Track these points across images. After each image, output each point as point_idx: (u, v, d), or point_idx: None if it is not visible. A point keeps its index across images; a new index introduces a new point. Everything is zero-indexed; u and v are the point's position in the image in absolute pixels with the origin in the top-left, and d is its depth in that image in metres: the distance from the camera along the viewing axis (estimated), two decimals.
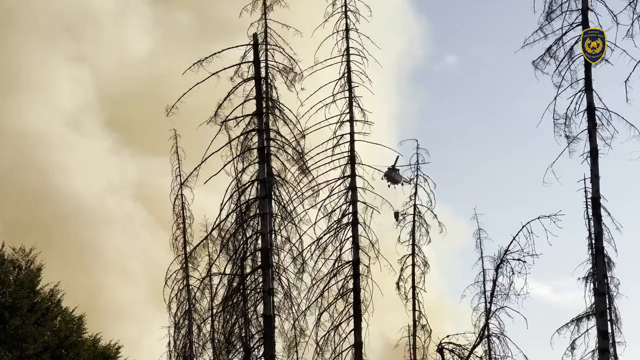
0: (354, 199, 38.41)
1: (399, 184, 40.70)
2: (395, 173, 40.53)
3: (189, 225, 45.15)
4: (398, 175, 40.64)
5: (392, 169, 40.38)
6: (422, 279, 41.38)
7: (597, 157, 31.16)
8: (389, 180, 40.43)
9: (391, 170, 40.42)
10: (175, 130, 44.81)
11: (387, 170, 40.30)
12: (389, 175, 40.38)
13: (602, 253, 32.32)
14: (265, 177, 33.66)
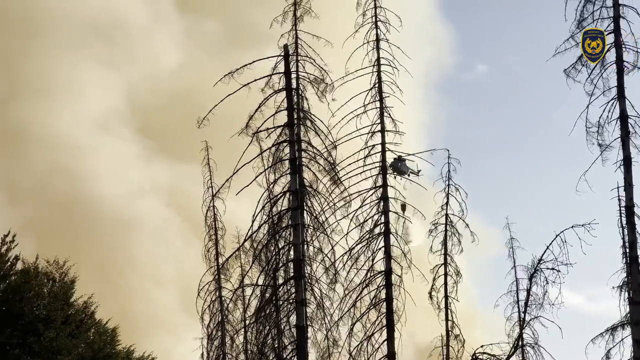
0: (386, 209, 38.39)
1: (405, 174, 38.74)
2: (402, 164, 38.59)
3: (221, 236, 45.26)
4: (404, 166, 38.65)
5: (399, 159, 38.58)
6: (455, 289, 41.19)
7: (631, 165, 31.00)
8: (395, 171, 38.58)
9: (397, 161, 38.58)
10: (206, 142, 45.00)
11: (392, 160, 38.57)
12: (395, 166, 38.58)
13: (637, 262, 32.11)
14: (297, 188, 33.71)
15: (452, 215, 41.54)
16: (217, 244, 45.24)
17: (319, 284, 34.76)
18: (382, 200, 38.50)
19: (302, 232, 33.86)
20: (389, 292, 37.97)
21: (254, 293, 35.18)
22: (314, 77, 34.32)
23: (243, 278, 40.37)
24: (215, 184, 44.52)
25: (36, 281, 49.14)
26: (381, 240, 38.33)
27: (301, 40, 35.01)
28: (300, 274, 33.59)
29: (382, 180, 38.48)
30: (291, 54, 34.24)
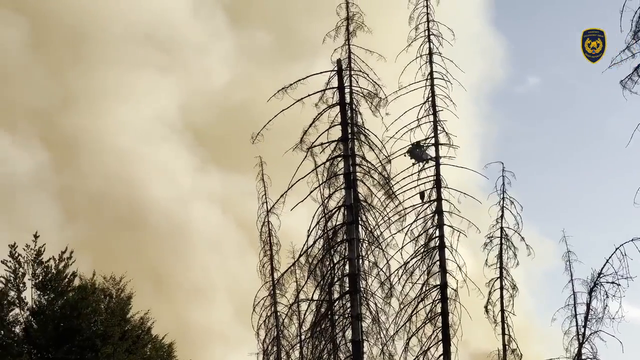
0: (441, 222, 38.28)
1: (424, 162, 37.73)
2: (420, 150, 37.47)
3: (276, 252, 45.38)
4: (424, 153, 37.51)
5: (417, 145, 37.43)
6: (511, 302, 40.93)
7: None
8: (413, 157, 37.49)
9: (415, 147, 37.44)
10: (260, 157, 45.16)
11: (410, 146, 37.39)
12: (413, 152, 37.42)
13: None
14: (351, 202, 33.73)
15: (507, 229, 41.35)
16: (272, 259, 45.36)
17: (374, 298, 34.72)
18: (437, 214, 38.41)
19: (357, 246, 33.86)
20: (445, 306, 37.83)
21: (310, 308, 35.20)
22: (368, 91, 34.37)
23: (298, 293, 40.39)
24: (269, 199, 44.70)
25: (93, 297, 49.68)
26: (436, 254, 38.22)
27: (354, 55, 35.09)
28: (355, 289, 33.58)
29: (437, 194, 38.39)
30: (344, 69, 34.31)
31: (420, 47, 38.25)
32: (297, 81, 33.06)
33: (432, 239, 38.35)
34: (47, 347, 47.65)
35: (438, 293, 38.05)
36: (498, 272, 41.18)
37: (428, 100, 38.37)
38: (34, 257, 50.23)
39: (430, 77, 38.31)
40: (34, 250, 50.25)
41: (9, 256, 50.33)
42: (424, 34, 38.27)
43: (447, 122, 38.51)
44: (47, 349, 47.65)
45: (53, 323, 48.30)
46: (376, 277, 34.57)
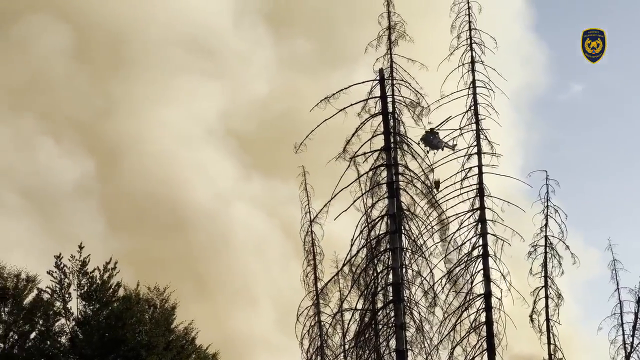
0: (484, 231, 38.15)
1: (439, 149, 36.83)
2: (435, 137, 36.51)
3: (319, 261, 45.33)
4: (438, 140, 36.62)
5: (431, 132, 36.37)
6: (556, 311, 40.67)
7: None
8: (427, 144, 36.44)
9: (429, 134, 36.34)
10: (303, 167, 45.16)
11: (424, 134, 36.26)
12: (427, 139, 36.36)
13: None
14: (395, 211, 33.68)
15: (552, 237, 41.11)
16: (316, 269, 45.33)
17: (418, 307, 34.62)
18: (480, 223, 38.29)
19: (400, 255, 33.81)
20: (489, 315, 37.67)
21: (353, 317, 35.17)
22: (410, 100, 34.33)
23: (342, 302, 40.41)
24: (313, 209, 44.67)
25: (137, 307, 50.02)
26: (480, 262, 38.08)
27: (396, 64, 35.09)
28: (399, 298, 33.51)
29: (480, 203, 38.27)
30: (386, 78, 34.32)
31: (462, 55, 38.23)
32: (340, 91, 33.10)
33: (475, 247, 38.22)
34: (92, 357, 48.04)
35: (482, 302, 37.90)
36: (543, 280, 40.94)
37: (470, 108, 38.30)
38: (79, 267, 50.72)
39: (473, 86, 38.24)
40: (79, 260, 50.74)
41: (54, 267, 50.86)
42: (466, 43, 38.23)
43: (490, 130, 38.46)
44: (93, 359, 48.04)
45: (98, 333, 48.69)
46: (420, 286, 34.48)
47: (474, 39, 38.18)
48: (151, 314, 51.10)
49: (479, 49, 38.16)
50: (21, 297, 50.93)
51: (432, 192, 34.83)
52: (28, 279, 51.48)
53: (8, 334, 50.20)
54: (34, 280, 51.59)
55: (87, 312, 50.17)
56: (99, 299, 50.12)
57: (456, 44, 38.22)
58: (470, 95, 38.27)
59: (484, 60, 38.23)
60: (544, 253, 41.00)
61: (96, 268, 51.17)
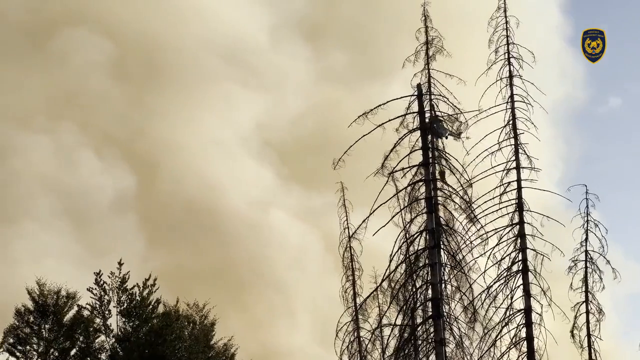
0: (524, 246, 37.98)
1: (443, 137, 34.83)
2: (439, 125, 34.66)
3: (358, 277, 45.35)
4: (442, 127, 34.71)
5: (435, 119, 34.69)
6: (597, 327, 40.37)
7: None
8: (431, 133, 34.62)
9: (433, 121, 34.65)
10: (342, 183, 45.25)
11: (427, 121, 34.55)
12: (432, 127, 34.54)
13: None
14: (433, 226, 33.61)
15: (592, 252, 40.86)
16: (355, 285, 45.33)
17: (457, 323, 34.48)
18: (520, 238, 38.13)
19: (439, 271, 33.71)
20: (529, 330, 37.45)
21: (393, 333, 35.09)
22: (448, 115, 34.27)
23: (381, 318, 40.34)
24: (351, 225, 44.71)
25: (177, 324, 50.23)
26: (519, 277, 37.90)
27: (434, 79, 35.04)
28: (438, 313, 33.41)
29: (519, 218, 38.13)
30: (424, 93, 34.30)
31: (501, 70, 38.16)
32: (378, 107, 33.15)
33: (515, 262, 38.05)
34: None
35: (522, 317, 37.69)
36: (583, 295, 40.68)
37: (509, 123, 38.20)
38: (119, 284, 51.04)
39: (511, 100, 38.15)
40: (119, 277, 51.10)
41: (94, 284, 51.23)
42: (504, 57, 38.15)
43: (528, 144, 38.33)
44: None
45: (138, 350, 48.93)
46: (459, 301, 34.36)
47: (511, 53, 38.11)
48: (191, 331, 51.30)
49: (517, 63, 38.08)
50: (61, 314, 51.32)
51: (470, 207, 34.74)
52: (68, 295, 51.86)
53: (49, 350, 50.58)
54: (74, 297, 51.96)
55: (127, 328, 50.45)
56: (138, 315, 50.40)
57: (494, 58, 38.17)
58: (508, 110, 38.19)
59: (522, 75, 38.16)
60: (585, 268, 40.76)
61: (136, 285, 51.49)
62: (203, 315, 51.94)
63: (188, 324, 51.54)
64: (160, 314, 51.27)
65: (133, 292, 51.40)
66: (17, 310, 52.20)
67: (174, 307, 52.45)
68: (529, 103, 37.97)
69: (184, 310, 52.09)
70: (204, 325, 51.53)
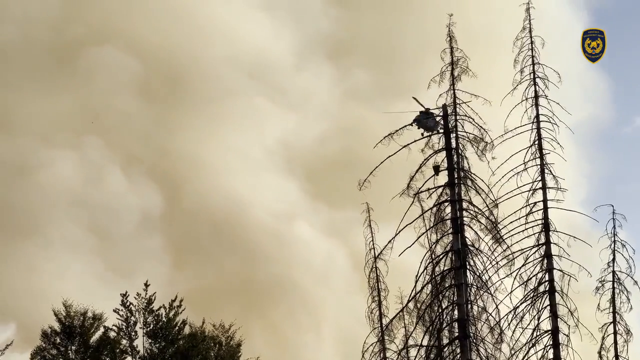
0: (550, 266, 37.88)
1: (433, 131, 33.78)
2: (430, 118, 33.42)
3: (384, 297, 45.22)
4: (434, 122, 33.52)
5: (426, 112, 33.44)
6: (625, 348, 40.11)
7: None
8: (421, 127, 33.41)
9: (424, 115, 33.38)
10: (367, 203, 45.13)
11: (418, 114, 33.33)
12: (421, 121, 33.30)
13: None
14: (459, 247, 33.55)
15: (620, 272, 40.65)
16: (381, 305, 45.20)
17: (484, 344, 34.33)
18: (546, 258, 38.03)
19: (465, 291, 33.62)
20: (557, 352, 37.28)
21: (419, 354, 34.97)
22: (474, 136, 34.26)
23: (407, 339, 40.17)
24: (377, 245, 44.62)
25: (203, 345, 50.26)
26: (546, 298, 37.78)
27: (459, 100, 35.12)
28: (465, 334, 33.30)
29: (545, 238, 38.04)
30: (450, 114, 34.31)
31: (526, 90, 38.17)
32: (403, 127, 33.17)
33: (541, 283, 37.94)
34: None
35: (549, 338, 37.55)
36: (611, 316, 40.45)
37: (534, 143, 38.19)
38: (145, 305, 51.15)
39: (537, 120, 38.14)
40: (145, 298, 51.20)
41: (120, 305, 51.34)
42: (530, 77, 38.17)
43: (554, 164, 38.28)
44: None
45: None
46: (485, 322, 34.24)
47: (537, 74, 38.11)
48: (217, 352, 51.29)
49: (543, 84, 38.09)
50: (88, 335, 51.50)
51: (496, 227, 34.67)
52: (94, 317, 52.05)
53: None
54: (100, 318, 52.15)
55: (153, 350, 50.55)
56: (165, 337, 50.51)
57: (519, 78, 38.21)
58: (534, 130, 38.19)
59: (548, 95, 38.16)
60: (612, 288, 40.55)
61: (162, 306, 51.59)
62: (229, 336, 51.94)
63: (214, 345, 51.54)
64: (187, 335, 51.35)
65: (159, 313, 51.51)
66: (43, 332, 52.45)
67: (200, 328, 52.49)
68: (554, 123, 37.99)
69: (210, 331, 52.12)
70: (230, 346, 51.52)
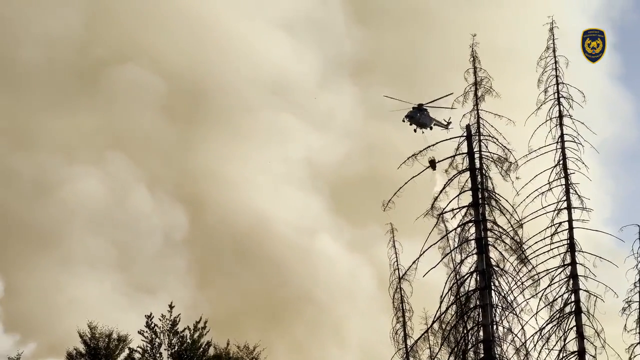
0: (576, 287, 37.65)
1: (426, 127, 33.45)
2: (423, 114, 32.67)
3: (408, 318, 45.04)
4: (426, 117, 32.89)
5: (419, 108, 32.51)
6: None
7: None
8: (413, 122, 32.91)
9: (416, 111, 32.48)
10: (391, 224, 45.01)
11: (410, 110, 32.55)
12: (413, 116, 32.54)
13: None
14: (484, 267, 33.45)
15: None
16: (405, 326, 44.99)
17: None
18: (572, 278, 37.83)
19: (490, 312, 33.49)
20: None
21: None
22: (498, 156, 34.24)
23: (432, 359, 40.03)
24: (401, 266, 44.50)
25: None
26: (572, 319, 37.54)
27: (483, 120, 35.09)
28: (490, 356, 33.14)
29: (571, 258, 37.85)
30: (473, 134, 34.28)
31: (550, 109, 38.09)
32: (427, 148, 33.19)
33: (567, 303, 37.72)
34: None
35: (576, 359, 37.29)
36: (638, 337, 40.18)
37: (559, 163, 38.06)
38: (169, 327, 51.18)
39: (561, 140, 38.03)
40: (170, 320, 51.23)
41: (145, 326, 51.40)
42: (554, 97, 38.09)
43: (579, 184, 38.12)
44: None
45: None
46: (511, 343, 34.07)
47: (561, 93, 38.03)
48: None
49: (567, 103, 38.00)
50: (113, 357, 51.58)
51: (521, 247, 34.55)
52: (119, 338, 52.15)
53: None
54: (125, 339, 52.23)
55: None
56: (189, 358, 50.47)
57: (543, 98, 38.15)
58: (558, 150, 38.07)
59: (572, 114, 38.07)
60: (639, 309, 40.28)
61: (187, 327, 51.61)
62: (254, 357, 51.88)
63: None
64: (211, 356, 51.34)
65: (184, 334, 51.53)
66: (68, 354, 52.61)
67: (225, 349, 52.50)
68: (579, 142, 37.85)
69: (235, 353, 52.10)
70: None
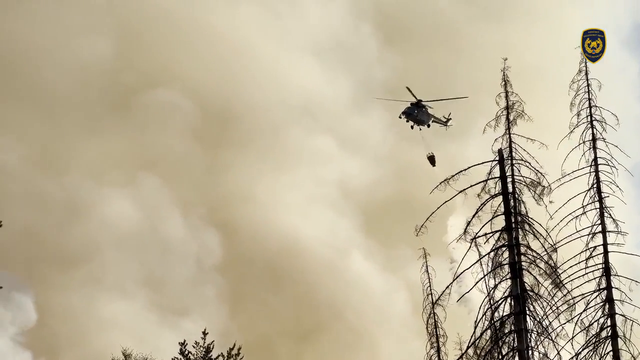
0: (612, 311, 37.34)
1: (424, 124, 32.30)
2: (421, 111, 31.35)
3: (442, 343, 44.81)
4: (424, 114, 31.67)
5: (416, 104, 31.57)
6: None
7: None
8: (410, 119, 31.72)
9: (414, 107, 31.55)
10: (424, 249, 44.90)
11: (407, 107, 31.46)
12: (411, 113, 31.46)
13: None
14: (518, 292, 33.27)
15: None
16: (439, 352, 44.75)
17: None
18: (608, 303, 37.52)
19: (526, 337, 33.27)
20: None
21: None
22: (530, 180, 34.11)
23: None
24: (434, 291, 44.32)
25: None
26: (609, 344, 37.22)
27: (515, 144, 34.97)
28: None
29: (606, 282, 37.57)
30: (506, 158, 34.19)
31: (583, 133, 37.92)
32: (459, 172, 33.12)
33: (603, 328, 37.40)
34: None
35: None
36: None
37: (593, 186, 37.85)
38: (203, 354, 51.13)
39: (595, 164, 37.83)
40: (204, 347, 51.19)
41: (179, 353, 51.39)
42: (587, 120, 37.94)
43: (614, 208, 37.87)
44: None
45: None
46: None
47: (594, 116, 37.87)
48: None
49: (600, 126, 37.81)
50: None
51: (556, 272, 34.35)
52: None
53: None
54: None
55: None
56: None
57: (576, 121, 38.00)
58: (592, 173, 37.87)
59: (606, 137, 37.89)
60: None
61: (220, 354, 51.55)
62: None
63: None
64: None
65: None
66: None
67: None
68: (613, 166, 37.63)
69: None
70: None
